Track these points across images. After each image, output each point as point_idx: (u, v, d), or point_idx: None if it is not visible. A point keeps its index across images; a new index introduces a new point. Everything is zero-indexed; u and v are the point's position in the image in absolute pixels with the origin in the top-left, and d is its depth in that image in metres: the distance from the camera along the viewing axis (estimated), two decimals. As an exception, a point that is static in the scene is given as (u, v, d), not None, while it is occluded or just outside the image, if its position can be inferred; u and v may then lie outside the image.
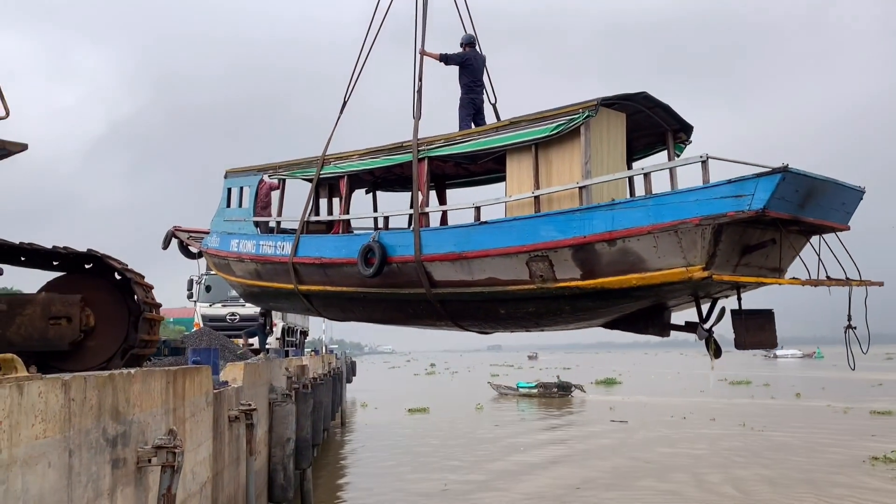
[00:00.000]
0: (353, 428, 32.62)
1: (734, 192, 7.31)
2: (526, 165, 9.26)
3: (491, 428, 30.97)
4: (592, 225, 8.20)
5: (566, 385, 47.21)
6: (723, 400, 42.23)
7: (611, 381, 60.74)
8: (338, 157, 11.54)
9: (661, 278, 7.84)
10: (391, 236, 10.50)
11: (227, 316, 26.19)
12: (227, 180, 13.29)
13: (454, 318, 10.41)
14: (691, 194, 7.61)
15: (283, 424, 12.34)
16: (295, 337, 31.61)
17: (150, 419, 5.25)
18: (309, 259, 11.35)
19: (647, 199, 8.08)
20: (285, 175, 12.29)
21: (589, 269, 8.34)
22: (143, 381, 5.12)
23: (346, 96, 12.20)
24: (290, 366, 15.72)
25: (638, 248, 7.91)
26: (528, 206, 9.19)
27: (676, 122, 9.82)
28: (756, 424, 29.44)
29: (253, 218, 12.64)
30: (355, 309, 11.65)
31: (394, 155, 10.76)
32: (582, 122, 8.60)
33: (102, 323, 7.02)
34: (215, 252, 13.33)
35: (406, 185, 13.35)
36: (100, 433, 4.26)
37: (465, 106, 11.28)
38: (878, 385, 51.27)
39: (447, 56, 11.31)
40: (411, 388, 60.55)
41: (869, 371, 72.60)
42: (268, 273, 12.25)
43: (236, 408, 8.98)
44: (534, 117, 9.11)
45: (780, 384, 54.42)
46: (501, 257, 8.98)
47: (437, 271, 9.76)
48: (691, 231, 7.50)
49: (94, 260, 7.33)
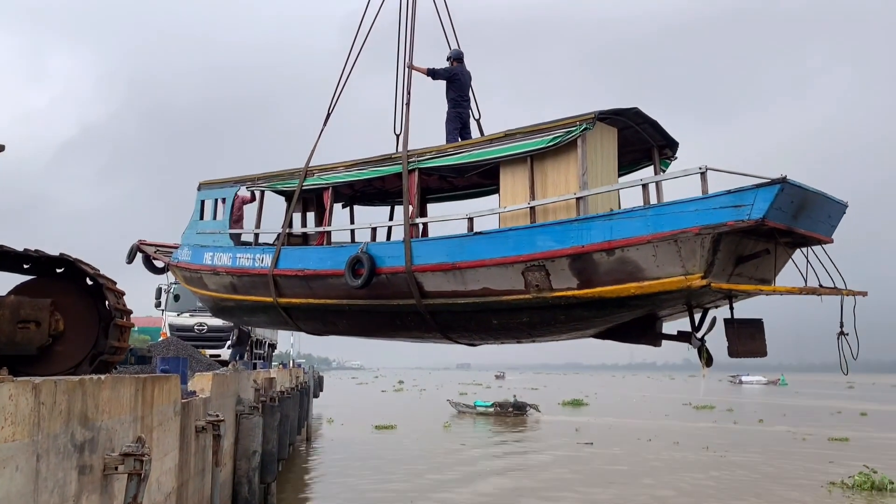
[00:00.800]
0: (318, 443, 32.32)
1: (734, 202, 7.48)
2: (520, 177, 9.33)
3: (457, 447, 30.88)
4: (590, 235, 8.31)
5: (521, 405, 47.93)
6: (687, 424, 42.67)
7: (578, 403, 60.90)
8: (322, 168, 11.47)
9: (660, 287, 7.96)
10: (380, 247, 10.46)
11: (195, 326, 25.97)
12: (200, 192, 13.13)
13: (444, 329, 10.36)
14: (691, 204, 7.75)
15: (249, 437, 12.25)
16: (263, 349, 31.38)
17: (119, 426, 5.21)
18: (291, 271, 11.23)
19: (647, 209, 8.21)
20: (264, 187, 12.19)
21: (586, 278, 8.42)
22: (113, 387, 5.09)
23: (329, 108, 12.20)
24: (258, 378, 15.61)
25: (636, 257, 8.02)
26: (521, 218, 9.24)
27: (663, 139, 10.00)
28: (718, 448, 29.75)
29: (229, 230, 12.48)
30: (339, 321, 11.50)
31: (383, 166, 10.74)
32: (579, 135, 8.73)
33: (72, 328, 6.94)
34: (186, 265, 13.08)
35: (385, 199, 13.39)
36: (68, 438, 4.23)
37: (451, 120, 11.35)
38: (837, 413, 52.31)
39: (434, 71, 11.37)
40: (378, 404, 60.21)
41: (829, 399, 74.04)
42: (244, 286, 12.06)
43: (203, 418, 8.92)
44: (529, 129, 9.20)
45: (744, 410, 55.03)
46: (497, 267, 9.01)
47: (428, 282, 9.74)
48: (691, 240, 7.65)
49: (66, 264, 7.25)
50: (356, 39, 12.04)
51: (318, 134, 11.99)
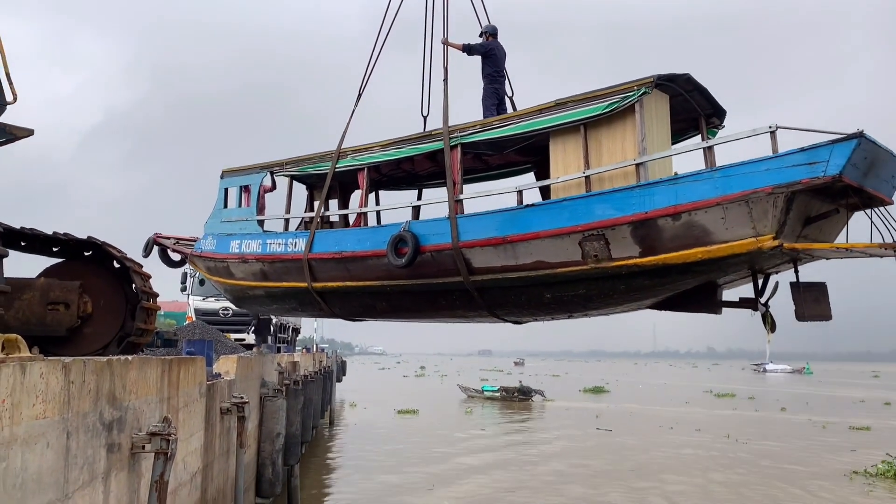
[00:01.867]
0: (341, 426, 32.62)
1: (808, 159, 7.31)
2: (573, 147, 9.13)
3: (478, 432, 31.01)
4: (654, 200, 8.10)
5: (527, 390, 48.73)
6: (708, 411, 42.58)
7: (599, 389, 61.01)
8: (355, 149, 11.28)
9: (729, 250, 7.79)
10: (424, 225, 10.20)
11: (220, 310, 26.27)
12: (223, 180, 12.97)
13: (492, 306, 10.14)
14: (762, 164, 7.56)
15: (273, 419, 12.37)
16: (287, 334, 31.68)
17: (145, 406, 5.30)
18: (327, 254, 11.04)
19: (714, 171, 7.96)
20: (293, 172, 12.06)
21: (649, 245, 8.22)
22: (140, 368, 5.18)
23: (361, 88, 11.99)
24: (282, 361, 15.76)
25: (704, 220, 7.83)
26: (574, 188, 9.05)
27: (711, 107, 9.72)
28: (740, 436, 29.66)
29: (257, 217, 12.33)
30: (377, 303, 11.29)
31: (423, 143, 10.54)
32: (636, 100, 8.53)
33: (100, 310, 7.07)
34: (211, 255, 12.91)
35: (413, 183, 13.28)
36: (97, 417, 4.32)
37: (489, 96, 11.17)
38: (860, 402, 51.91)
39: (470, 46, 11.18)
40: (400, 389, 60.57)
41: (854, 388, 73.28)
42: (276, 272, 11.90)
43: (228, 400, 9.02)
44: (582, 97, 8.98)
45: (765, 398, 54.74)
46: (551, 239, 8.80)
47: (476, 258, 9.53)
48: (763, 200, 7.47)
49: (94, 247, 7.37)
50: (386, 16, 11.81)
51: (349, 115, 11.77)
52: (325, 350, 53.42)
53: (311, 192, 13.08)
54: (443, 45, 11.04)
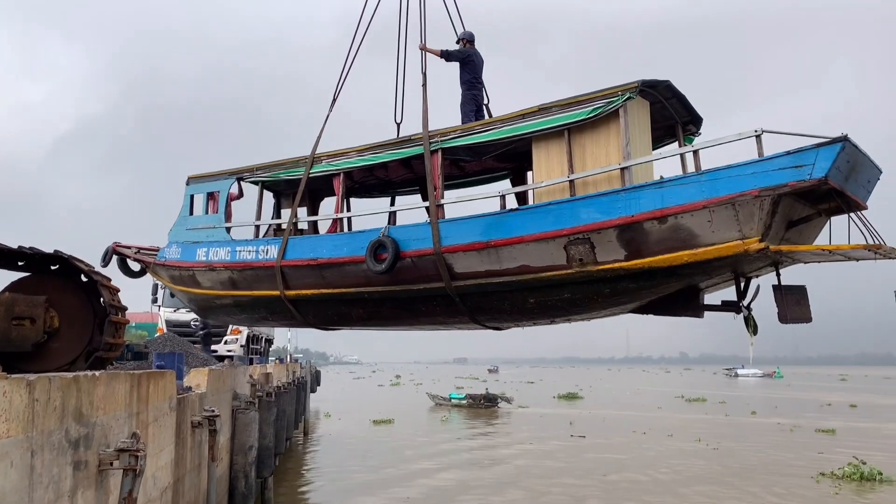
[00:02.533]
0: (316, 438, 32.40)
1: (794, 162, 7.39)
2: (556, 151, 9.16)
3: (453, 440, 30.97)
4: (640, 203, 8.15)
5: (493, 397, 49.67)
6: (680, 416, 43.03)
7: (573, 396, 61.38)
8: (331, 154, 11.17)
9: (715, 253, 7.85)
10: (404, 230, 10.11)
11: (192, 322, 25.95)
12: (189, 187, 12.68)
13: (474, 312, 10.08)
14: (748, 167, 7.63)
15: (245, 432, 12.27)
16: (260, 345, 31.39)
17: (114, 422, 5.24)
18: (301, 261, 10.86)
19: (701, 175, 8.03)
20: (264, 178, 11.88)
21: (635, 248, 8.26)
22: (108, 383, 5.12)
23: (335, 93, 11.93)
24: (254, 373, 15.64)
25: (691, 223, 7.89)
26: (557, 193, 9.06)
27: (688, 115, 9.84)
28: (711, 440, 30.01)
29: (225, 224, 12.09)
30: (353, 311, 11.11)
31: (402, 148, 10.49)
32: (621, 105, 8.59)
33: (67, 325, 6.97)
34: (176, 263, 12.57)
35: (386, 190, 13.13)
36: (62, 434, 4.26)
37: (467, 102, 11.16)
38: (826, 405, 52.73)
39: (448, 52, 11.17)
40: (376, 399, 60.37)
41: (822, 391, 74.44)
42: (246, 280, 11.68)
43: (199, 414, 8.95)
44: (567, 102, 9.03)
45: (736, 402, 55.39)
46: (536, 243, 8.81)
47: (459, 263, 9.48)
48: (749, 203, 7.55)
49: (61, 261, 7.28)
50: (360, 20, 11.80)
51: (323, 120, 11.65)
52: (299, 360, 53.06)
53: (278, 200, 12.93)
54: (421, 51, 11.00)
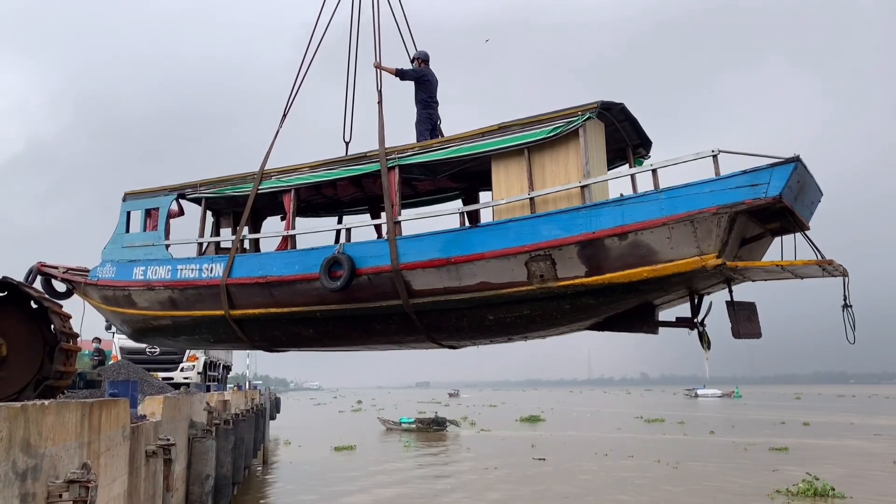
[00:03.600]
0: (275, 466, 31.86)
1: (750, 181, 7.71)
2: (515, 170, 9.28)
3: (414, 466, 30.73)
4: (600, 221, 8.37)
5: (441, 420, 50.43)
6: (639, 436, 43.35)
7: (535, 419, 61.38)
8: (281, 171, 11.03)
9: (674, 269, 8.06)
10: (360, 247, 10.05)
11: (147, 348, 25.48)
12: (125, 203, 12.30)
13: (431, 330, 10.03)
14: (706, 185, 7.93)
15: (202, 461, 12.06)
16: (217, 371, 30.91)
17: (63, 452, 5.11)
18: (249, 279, 10.64)
19: (659, 193, 8.25)
20: (210, 193, 11.62)
21: (596, 265, 8.43)
22: (57, 413, 5.00)
23: (286, 108, 11.85)
24: (211, 401, 15.38)
25: (650, 240, 8.12)
26: (517, 211, 9.18)
27: (639, 138, 10.10)
28: (670, 460, 30.28)
29: (165, 241, 11.72)
30: (304, 331, 10.90)
31: (358, 165, 10.45)
32: (581, 125, 8.79)
33: (16, 352, 6.80)
34: (110, 283, 12.12)
35: (333, 210, 13.02)
36: (9, 466, 4.15)
37: (423, 121, 11.23)
38: (780, 423, 53.73)
39: (403, 71, 11.21)
40: (337, 425, 59.70)
41: (777, 410, 75.75)
42: (188, 300, 11.32)
43: (154, 443, 8.76)
44: (527, 121, 9.20)
45: (695, 422, 56.03)
46: (497, 259, 8.90)
47: (417, 280, 9.47)
48: (707, 220, 7.83)
49: (9, 287, 7.11)
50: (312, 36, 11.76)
51: (273, 136, 11.53)
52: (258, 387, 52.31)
53: (217, 219, 12.67)
54: (375, 69, 11.02)
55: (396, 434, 48.46)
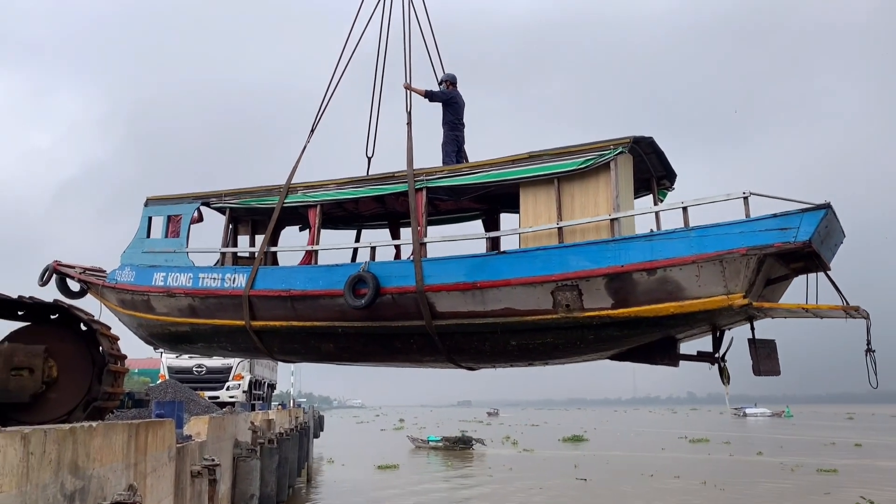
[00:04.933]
0: (319, 485, 31.96)
1: (780, 225, 7.86)
2: (543, 198, 9.40)
3: (458, 487, 30.55)
4: (629, 255, 8.47)
5: (468, 439, 51.50)
6: (684, 456, 42.70)
7: (578, 438, 60.68)
8: (307, 185, 11.09)
9: (701, 306, 8.19)
10: (385, 266, 10.15)
11: (194, 368, 25.86)
12: (147, 209, 12.28)
13: (452, 351, 10.08)
14: (736, 226, 8.05)
15: (246, 480, 12.14)
16: (262, 390, 31.19)
17: (110, 474, 5.18)
18: (272, 291, 10.68)
19: (689, 231, 8.38)
20: (234, 204, 11.65)
21: (622, 298, 8.54)
22: (105, 434, 5.07)
23: (314, 123, 11.92)
24: (255, 420, 15.51)
25: (679, 277, 8.24)
26: (544, 239, 9.28)
27: (664, 170, 10.20)
28: (717, 482, 29.68)
29: (186, 249, 11.72)
30: (324, 345, 10.93)
31: (385, 184, 10.56)
32: (612, 158, 8.91)
33: (66, 374, 6.93)
34: (129, 287, 12.07)
35: (351, 223, 13.04)
36: (57, 488, 4.21)
37: (449, 142, 11.32)
38: (830, 444, 52.37)
39: (432, 93, 11.33)
40: (379, 443, 59.73)
41: (829, 430, 73.73)
42: (208, 308, 11.31)
43: (199, 463, 8.85)
44: (557, 152, 9.32)
45: (742, 442, 54.93)
46: (523, 287, 8.98)
47: (441, 302, 9.54)
48: (737, 261, 7.95)
49: (60, 310, 7.27)
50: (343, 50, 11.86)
51: (301, 150, 11.61)
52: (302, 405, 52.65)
53: (234, 227, 12.59)
54: (405, 90, 11.14)
55: (425, 452, 49.49)
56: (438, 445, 51.52)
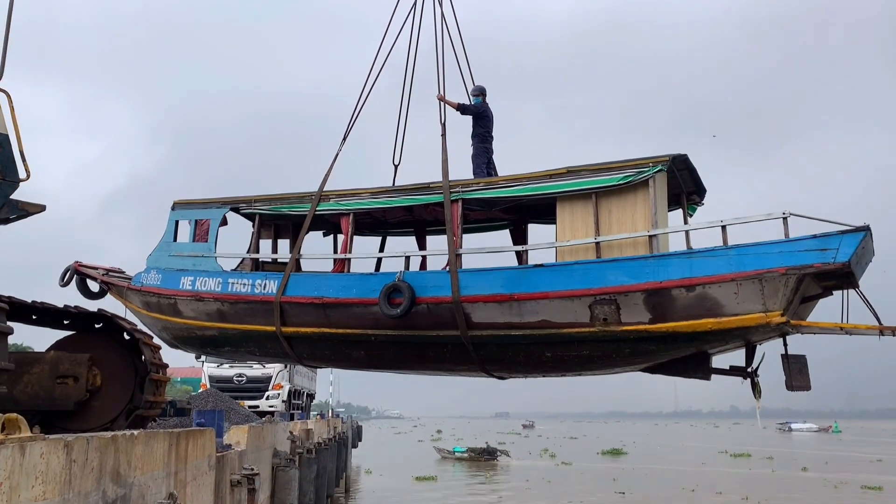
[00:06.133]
0: (357, 495, 32.01)
1: (819, 245, 8.06)
2: (581, 213, 9.52)
3: (495, 500, 30.35)
4: (668, 271, 8.62)
5: (492, 450, 52.27)
6: (725, 470, 42.04)
7: (617, 452, 60.02)
8: (340, 193, 11.13)
9: (739, 323, 8.33)
10: (420, 276, 10.27)
11: (235, 377, 26.14)
12: (174, 212, 12.27)
13: (486, 361, 10.15)
14: (775, 246, 8.25)
15: (285, 490, 12.16)
16: (301, 400, 31.40)
17: (151, 482, 5.22)
18: (305, 298, 10.69)
19: (729, 249, 8.53)
20: (265, 210, 11.66)
21: (660, 313, 8.67)
22: (146, 442, 5.11)
23: (346, 130, 11.92)
24: (294, 429, 15.58)
25: (718, 294, 8.38)
26: (579, 252, 9.41)
27: (695, 185, 10.32)
28: (760, 497, 29.17)
29: (215, 253, 11.70)
30: (355, 352, 10.98)
31: (420, 195, 10.63)
32: (651, 175, 9.04)
33: (109, 383, 7.03)
34: (155, 290, 12.03)
35: (375, 230, 13.05)
36: (99, 496, 4.25)
37: (480, 154, 11.38)
38: (877, 461, 51.10)
39: (465, 106, 11.40)
40: (418, 454, 59.71)
41: (876, 447, 71.85)
42: (238, 313, 11.30)
43: (239, 472, 8.88)
44: (596, 167, 9.46)
45: (785, 458, 53.77)
46: (561, 300, 9.08)
47: (477, 313, 9.63)
48: (776, 279, 8.12)
49: (104, 320, 7.39)
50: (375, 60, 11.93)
51: (333, 157, 11.62)
52: (341, 415, 52.92)
53: (258, 231, 12.40)
54: (439, 101, 11.19)
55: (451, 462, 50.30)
56: (463, 456, 52.30)
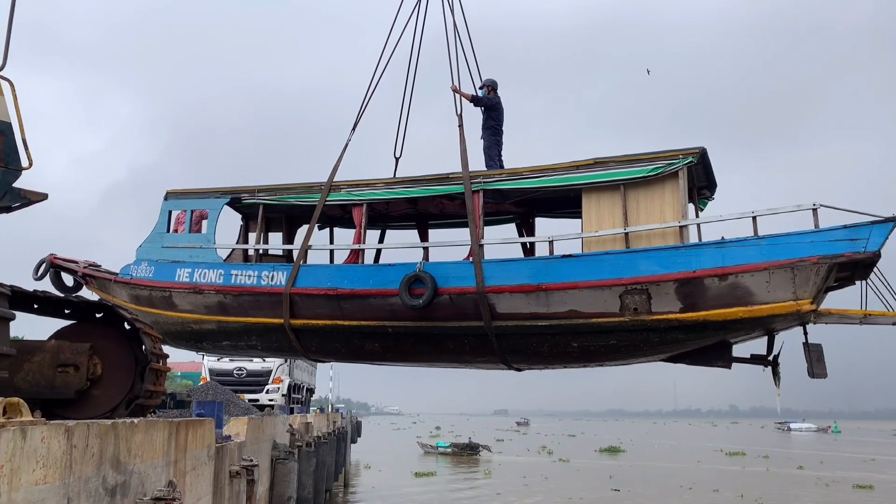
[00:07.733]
0: (356, 490, 32.05)
1: (849, 236, 8.24)
2: (607, 203, 9.56)
3: (492, 495, 30.40)
4: (700, 261, 8.74)
5: (475, 445, 53.29)
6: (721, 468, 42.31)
7: (614, 450, 60.21)
8: (351, 184, 11.02)
9: (769, 311, 8.50)
10: (442, 267, 10.14)
11: (235, 371, 26.18)
12: (167, 202, 11.91)
13: (508, 352, 10.10)
14: (807, 236, 8.40)
15: (284, 482, 12.21)
16: (301, 394, 31.44)
17: (151, 470, 5.24)
18: (317, 290, 10.53)
19: (760, 239, 8.64)
20: (270, 200, 11.46)
21: (692, 302, 8.81)
22: (146, 431, 5.14)
23: (356, 120, 11.87)
24: (294, 423, 15.62)
25: (749, 283, 8.53)
26: (607, 243, 9.46)
27: (707, 180, 10.41)
28: (756, 495, 29.30)
29: (215, 244, 11.47)
30: (369, 345, 10.76)
31: (440, 185, 10.60)
32: (681, 167, 9.16)
33: (109, 372, 7.03)
34: (146, 283, 11.66)
35: (376, 223, 12.81)
36: (99, 482, 4.27)
37: (492, 147, 11.41)
38: (871, 460, 51.34)
39: (478, 98, 11.41)
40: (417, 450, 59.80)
41: (872, 447, 71.96)
42: (241, 306, 11.04)
43: (238, 463, 8.92)
44: (625, 159, 9.53)
45: (781, 457, 53.94)
46: (590, 290, 9.16)
47: (502, 303, 9.63)
48: (807, 268, 8.29)
49: (105, 309, 7.40)
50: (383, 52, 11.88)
51: (343, 147, 11.51)
52: (340, 410, 53.07)
53: (246, 224, 12.44)
54: (453, 93, 11.15)
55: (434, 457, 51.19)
56: (447, 451, 53.41)
